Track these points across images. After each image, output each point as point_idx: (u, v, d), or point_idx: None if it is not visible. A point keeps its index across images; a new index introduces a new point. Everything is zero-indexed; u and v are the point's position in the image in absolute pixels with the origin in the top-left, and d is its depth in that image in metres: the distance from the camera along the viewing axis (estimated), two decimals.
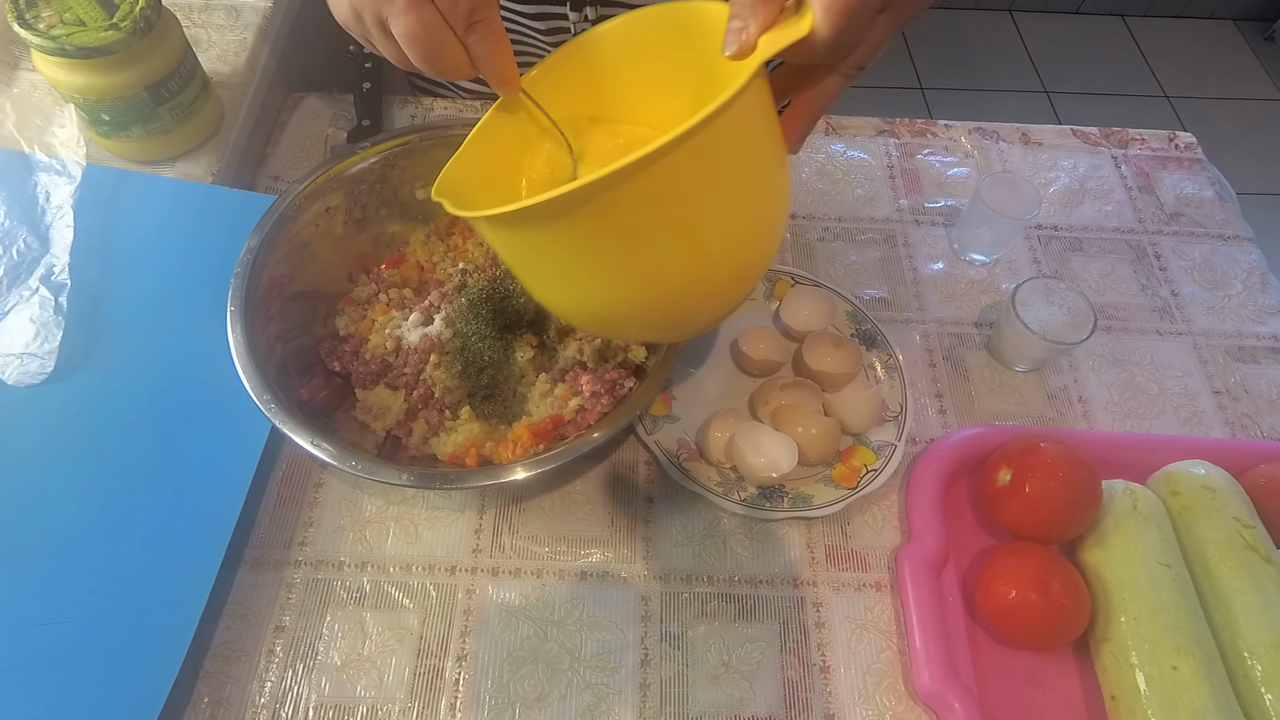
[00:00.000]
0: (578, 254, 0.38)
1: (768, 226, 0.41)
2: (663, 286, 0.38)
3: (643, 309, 0.40)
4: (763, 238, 0.41)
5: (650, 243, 0.37)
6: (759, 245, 0.41)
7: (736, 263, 0.40)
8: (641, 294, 0.39)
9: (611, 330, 0.51)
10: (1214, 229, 0.75)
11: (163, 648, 0.48)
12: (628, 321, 0.43)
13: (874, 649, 0.53)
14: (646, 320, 0.43)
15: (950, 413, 0.63)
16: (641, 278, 0.38)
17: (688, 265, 0.38)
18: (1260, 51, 2.28)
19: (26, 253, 0.59)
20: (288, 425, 0.49)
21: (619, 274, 0.39)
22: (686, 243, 0.37)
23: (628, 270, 0.38)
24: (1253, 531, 0.53)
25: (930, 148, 0.79)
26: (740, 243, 0.39)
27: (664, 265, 0.38)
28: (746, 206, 0.38)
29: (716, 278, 0.39)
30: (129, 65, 0.59)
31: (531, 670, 0.52)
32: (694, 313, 0.43)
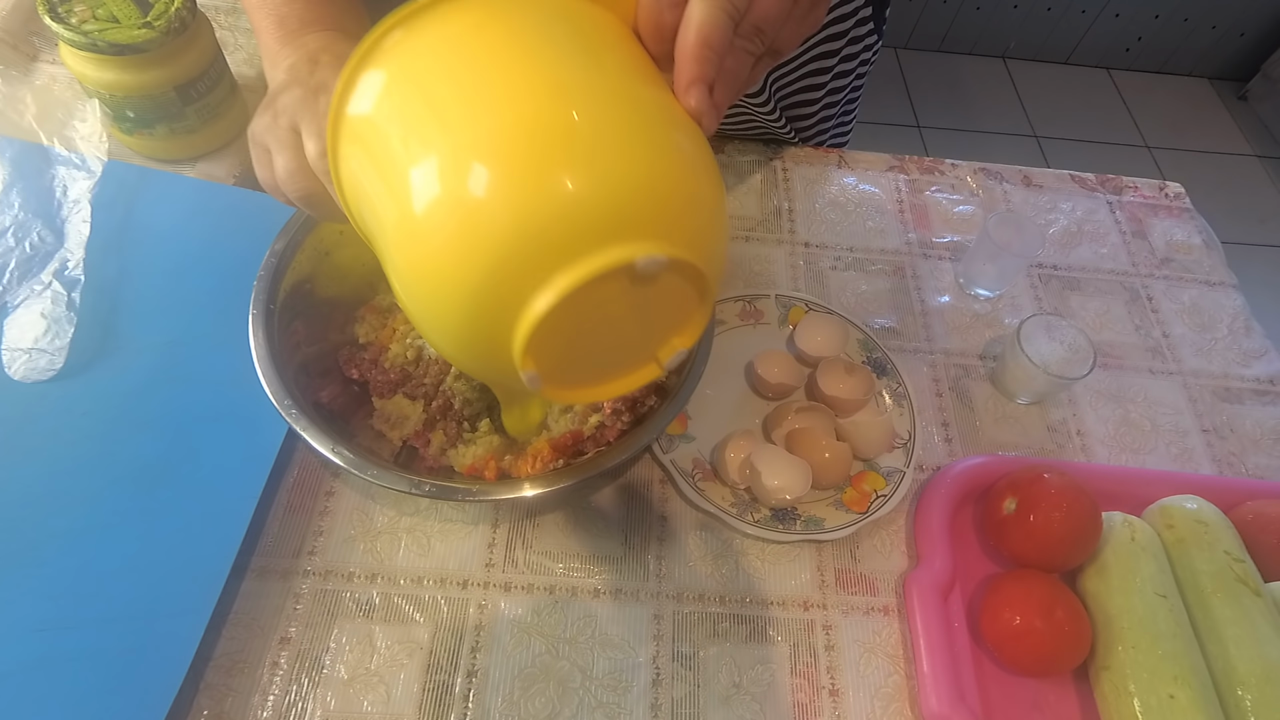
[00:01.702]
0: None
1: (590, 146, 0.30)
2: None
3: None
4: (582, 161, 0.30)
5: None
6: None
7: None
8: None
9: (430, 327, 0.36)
10: (1201, 275, 0.78)
11: (166, 657, 0.47)
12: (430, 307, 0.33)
13: (882, 673, 0.54)
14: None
15: (956, 441, 0.65)
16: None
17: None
18: (1234, 109, 2.39)
19: (40, 246, 0.58)
20: (309, 431, 0.49)
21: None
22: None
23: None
24: (1243, 565, 0.55)
25: (938, 185, 0.81)
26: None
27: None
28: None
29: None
30: (160, 64, 0.59)
31: (543, 688, 0.52)
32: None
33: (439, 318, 0.33)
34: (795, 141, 0.82)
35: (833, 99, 0.80)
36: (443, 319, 0.33)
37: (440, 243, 0.31)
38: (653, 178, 0.31)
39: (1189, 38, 2.35)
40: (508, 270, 0.30)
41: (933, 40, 2.37)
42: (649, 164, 0.31)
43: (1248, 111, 2.37)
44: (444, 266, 0.31)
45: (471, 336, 0.33)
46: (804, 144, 0.83)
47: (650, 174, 0.31)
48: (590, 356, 0.36)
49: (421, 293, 0.33)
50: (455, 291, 0.31)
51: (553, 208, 0.30)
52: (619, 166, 0.30)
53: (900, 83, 2.30)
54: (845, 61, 0.76)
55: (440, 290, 0.32)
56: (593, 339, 0.35)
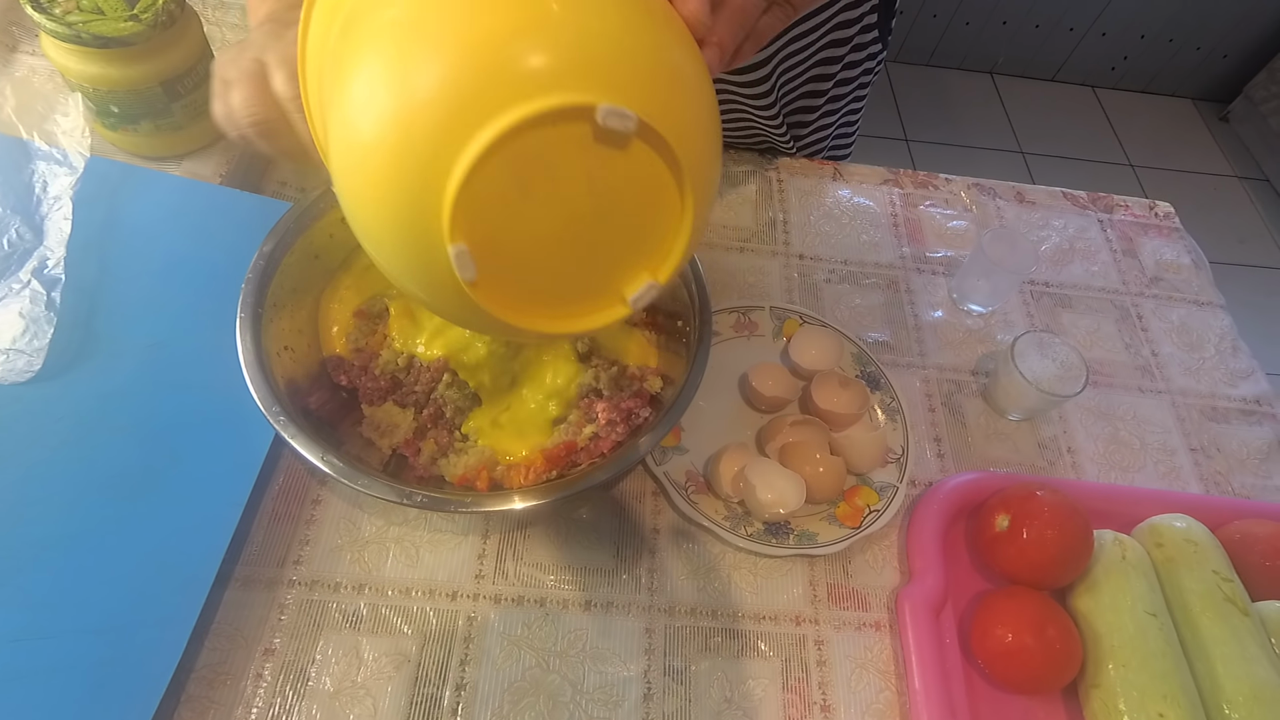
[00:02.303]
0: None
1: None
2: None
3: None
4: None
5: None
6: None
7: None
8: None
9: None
10: (1190, 294, 0.78)
11: (147, 669, 0.46)
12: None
13: (873, 689, 0.54)
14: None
15: (948, 457, 0.65)
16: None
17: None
18: (1215, 130, 2.43)
19: (19, 244, 0.57)
20: (297, 439, 0.48)
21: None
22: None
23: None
24: (1231, 585, 0.55)
25: (932, 199, 0.81)
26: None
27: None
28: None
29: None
30: (146, 58, 0.57)
31: (533, 702, 0.51)
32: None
33: (368, 191, 0.30)
34: (792, 151, 0.82)
35: (833, 106, 0.80)
36: (374, 185, 0.30)
37: (366, 94, 0.29)
38: (633, 33, 0.29)
39: (1174, 58, 2.39)
40: (444, 104, 0.27)
41: (922, 54, 2.39)
42: (631, 18, 0.29)
43: (1229, 133, 2.42)
44: (369, 116, 0.29)
45: (398, 206, 0.29)
46: (800, 154, 0.83)
47: (630, 29, 0.29)
48: (539, 259, 0.32)
49: (355, 163, 0.30)
50: (385, 143, 0.28)
51: (503, 31, 0.27)
52: (594, 8, 0.28)
53: (889, 96, 2.32)
54: (848, 69, 0.76)
55: (373, 150, 0.29)
56: (541, 226, 0.31)
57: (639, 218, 0.32)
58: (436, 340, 0.57)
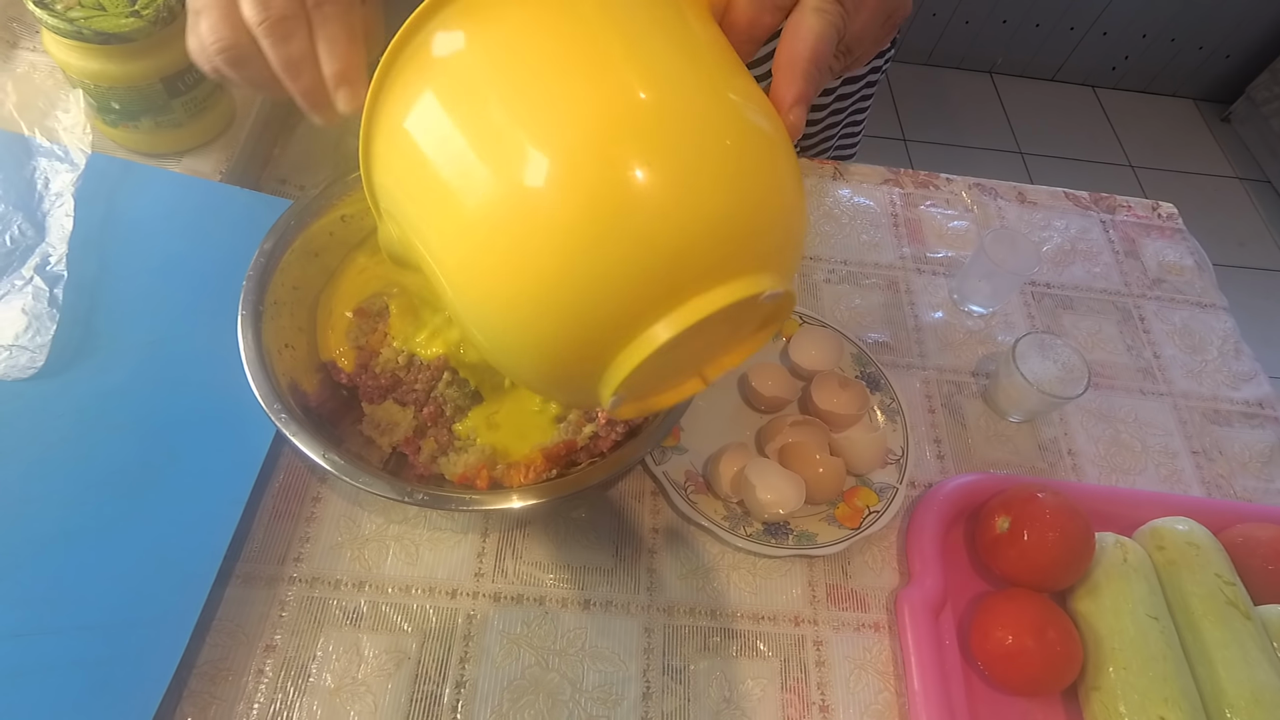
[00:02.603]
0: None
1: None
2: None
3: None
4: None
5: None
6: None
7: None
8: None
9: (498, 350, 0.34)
10: (1193, 296, 0.78)
11: (149, 665, 0.46)
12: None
13: (872, 690, 0.54)
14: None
15: (948, 458, 0.65)
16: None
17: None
18: (1217, 131, 2.43)
19: (21, 240, 0.57)
20: (298, 436, 0.48)
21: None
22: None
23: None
24: (1233, 589, 0.55)
25: (932, 199, 0.81)
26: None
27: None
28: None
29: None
30: (147, 55, 0.57)
31: (532, 700, 0.51)
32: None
33: (519, 343, 0.31)
34: (797, 151, 0.82)
35: (840, 105, 0.80)
36: (526, 344, 0.31)
37: (543, 267, 0.28)
38: (779, 205, 0.30)
39: (1175, 58, 2.39)
40: (631, 296, 0.28)
41: (920, 54, 2.39)
42: (778, 189, 0.30)
43: (1230, 134, 2.41)
44: (541, 292, 0.29)
45: (554, 362, 0.31)
46: (804, 154, 0.83)
47: (778, 202, 0.30)
48: (662, 380, 0.35)
49: (503, 319, 0.30)
50: (556, 318, 0.29)
51: (692, 231, 0.28)
52: (754, 190, 0.29)
53: (887, 95, 2.31)
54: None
55: (536, 315, 0.29)
56: (674, 366, 0.33)
57: (741, 336, 0.36)
58: (437, 339, 0.57)
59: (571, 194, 0.28)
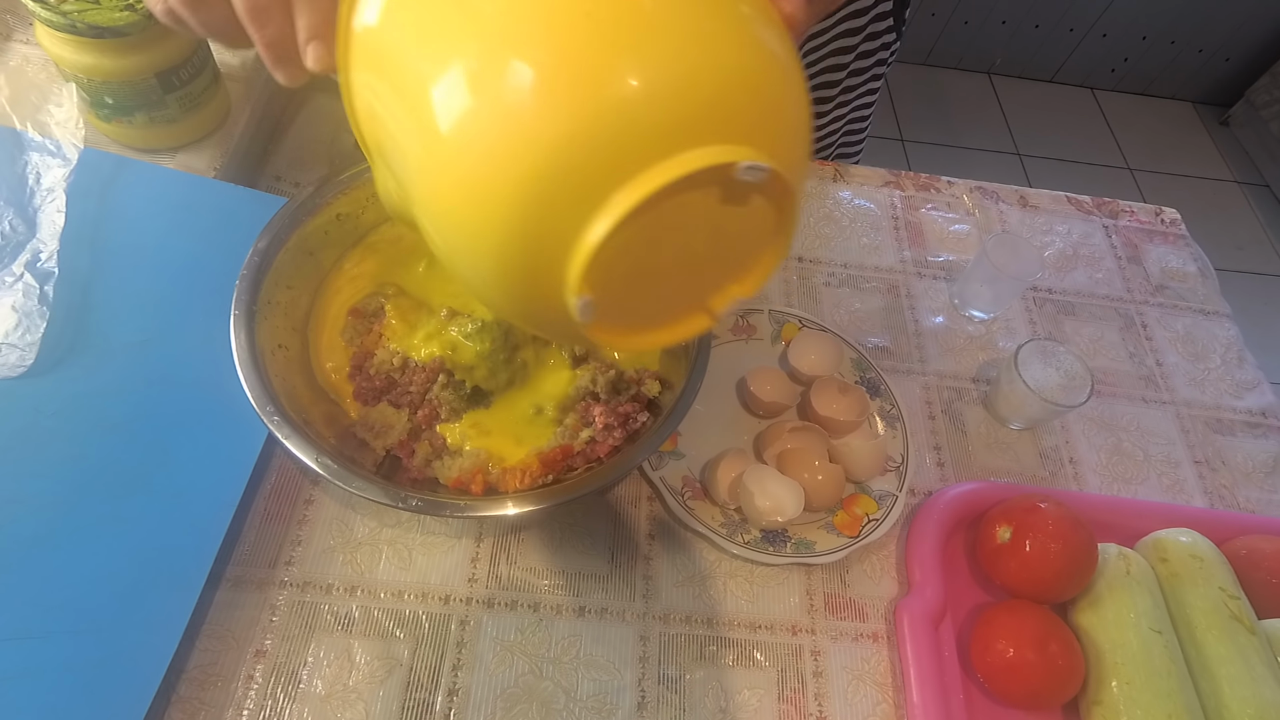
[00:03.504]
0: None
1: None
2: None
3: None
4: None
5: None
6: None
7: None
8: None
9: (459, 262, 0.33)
10: (1196, 303, 0.78)
11: (138, 670, 0.45)
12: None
13: (870, 701, 0.53)
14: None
15: (948, 466, 0.64)
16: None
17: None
18: (1215, 134, 2.42)
19: (12, 236, 0.56)
20: (291, 439, 0.47)
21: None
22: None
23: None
24: (1238, 602, 0.54)
25: (933, 202, 0.80)
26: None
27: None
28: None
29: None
30: (141, 49, 0.56)
31: (526, 709, 0.50)
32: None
33: (475, 235, 0.29)
34: None
35: (846, 98, 0.79)
36: (481, 236, 0.29)
37: (479, 154, 0.27)
38: (759, 72, 0.28)
39: (1174, 61, 2.38)
40: (582, 161, 0.26)
41: (919, 54, 2.38)
42: (754, 54, 0.28)
43: (1229, 137, 2.41)
44: (484, 179, 0.27)
45: (518, 250, 0.29)
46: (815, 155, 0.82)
47: (756, 67, 0.28)
48: (645, 293, 0.32)
49: (456, 215, 0.29)
50: (500, 204, 0.27)
51: (643, 90, 0.26)
52: (721, 51, 0.27)
53: (885, 95, 2.31)
54: (861, 59, 0.75)
55: (481, 206, 0.28)
56: (653, 270, 0.31)
57: (742, 244, 0.32)
58: (433, 340, 0.56)
59: (515, 56, 0.26)
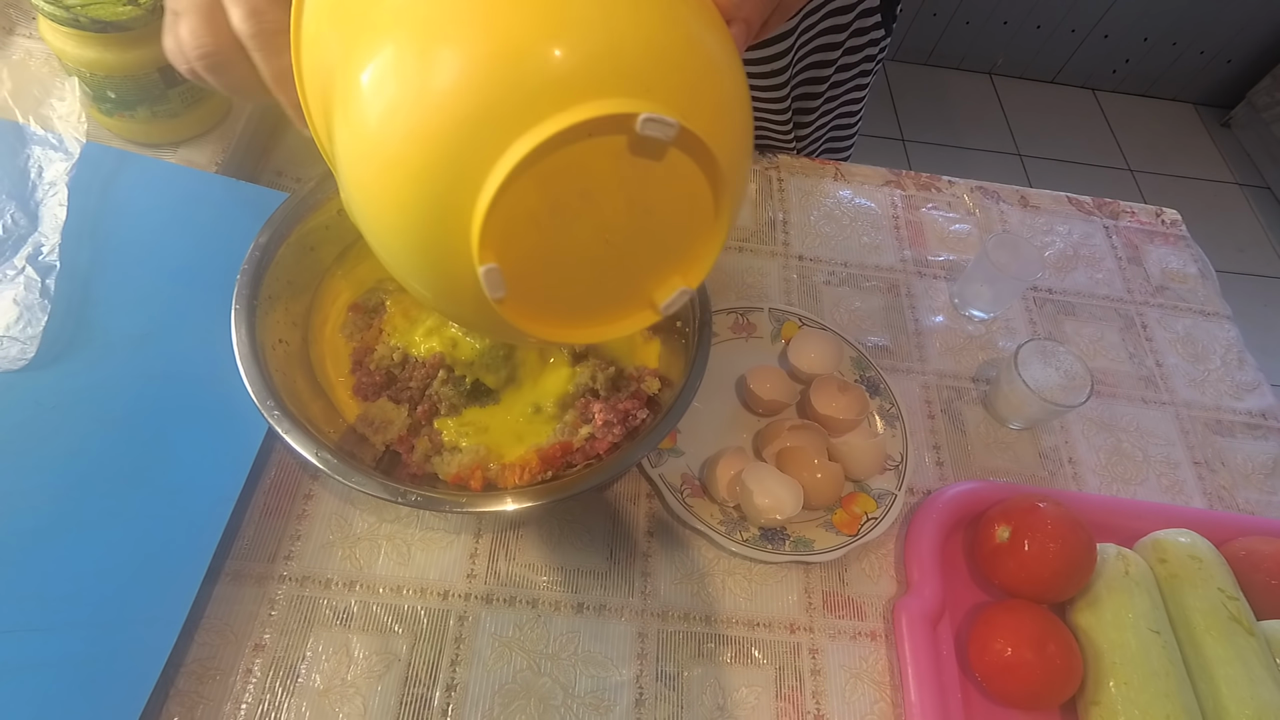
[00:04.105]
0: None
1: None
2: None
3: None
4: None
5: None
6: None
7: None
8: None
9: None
10: (1196, 304, 0.78)
11: (137, 663, 0.45)
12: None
13: (868, 700, 0.53)
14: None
15: (947, 465, 0.64)
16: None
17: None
18: (1217, 136, 2.42)
19: (14, 230, 0.56)
20: (291, 433, 0.47)
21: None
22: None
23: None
24: (1236, 604, 0.54)
25: (934, 202, 0.80)
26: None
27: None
28: None
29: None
30: (144, 43, 0.56)
31: (524, 705, 0.50)
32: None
33: (384, 207, 0.28)
34: (791, 146, 0.81)
35: (834, 93, 0.79)
36: (389, 207, 0.28)
37: (386, 102, 0.27)
38: (668, 30, 0.27)
39: (1176, 62, 2.38)
40: (471, 115, 0.26)
41: (920, 54, 2.38)
42: (664, 12, 0.27)
43: (1230, 139, 2.41)
44: (385, 144, 0.27)
45: (422, 217, 0.28)
46: (799, 150, 0.82)
47: (664, 25, 0.27)
48: (569, 273, 0.31)
49: (367, 188, 0.28)
50: (404, 155, 0.27)
51: (535, 43, 0.26)
52: (616, 7, 0.27)
53: (886, 95, 2.31)
54: (848, 54, 0.75)
55: (391, 162, 0.27)
56: (572, 242, 0.30)
57: (672, 224, 0.31)
58: (433, 336, 0.56)
59: (410, 17, 0.27)
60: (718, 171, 0.28)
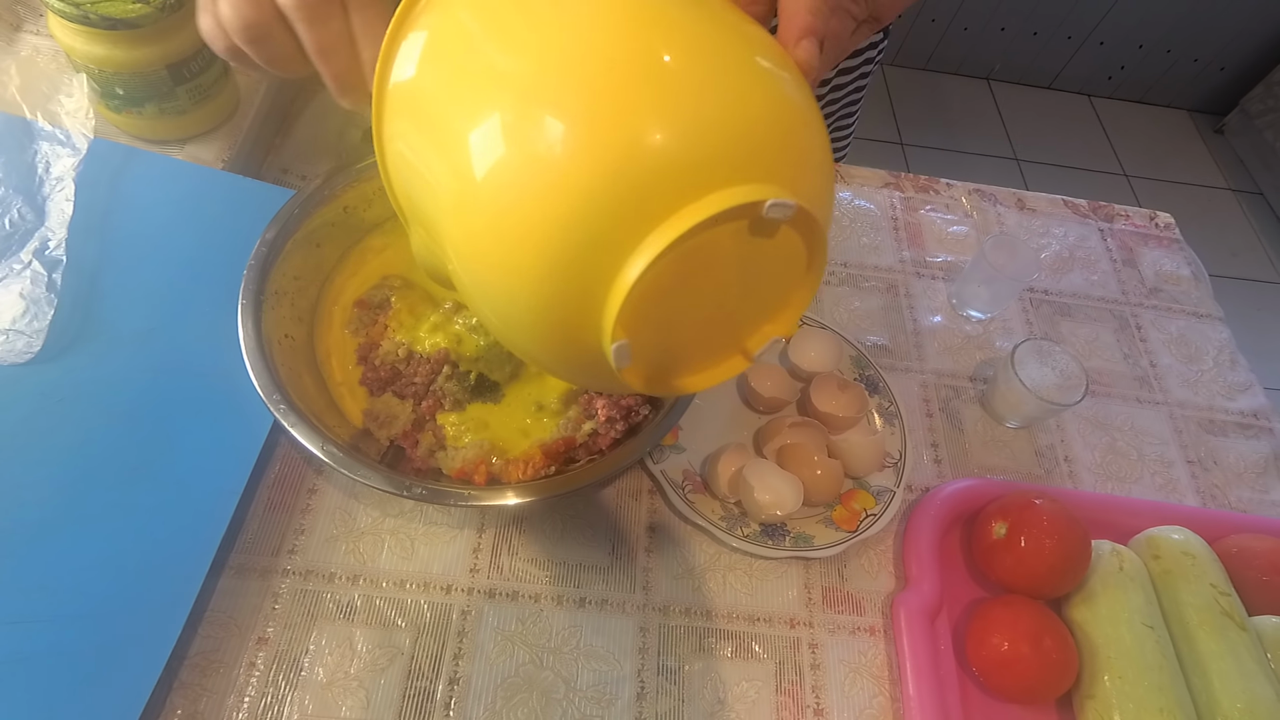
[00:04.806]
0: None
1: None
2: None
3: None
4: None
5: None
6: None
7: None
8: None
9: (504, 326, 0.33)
10: (1189, 306, 0.79)
11: (141, 655, 0.46)
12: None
13: (867, 694, 0.54)
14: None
15: (945, 463, 0.65)
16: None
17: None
18: (1211, 142, 2.45)
19: (21, 224, 0.56)
20: (297, 428, 0.48)
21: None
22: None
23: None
24: (1229, 599, 0.55)
25: (932, 204, 0.81)
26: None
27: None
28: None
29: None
30: (153, 41, 0.57)
31: (526, 698, 0.51)
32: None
33: (510, 284, 0.30)
34: None
35: (835, 96, 0.80)
36: (516, 284, 0.29)
37: (521, 183, 0.28)
38: (778, 113, 0.29)
39: (1170, 69, 2.40)
40: (610, 205, 0.27)
41: (919, 58, 2.40)
42: (773, 97, 0.29)
43: (1224, 145, 2.43)
44: (519, 225, 0.28)
45: (551, 296, 0.29)
46: None
47: (775, 109, 0.29)
48: (680, 337, 0.33)
49: (490, 264, 0.29)
50: (535, 250, 0.28)
51: (669, 137, 0.27)
52: (741, 95, 0.28)
53: (885, 99, 2.32)
54: (849, 58, 0.76)
55: (515, 252, 0.28)
56: (688, 313, 0.32)
57: (773, 283, 0.33)
58: (438, 332, 0.57)
59: (547, 107, 0.28)
60: (817, 233, 0.30)
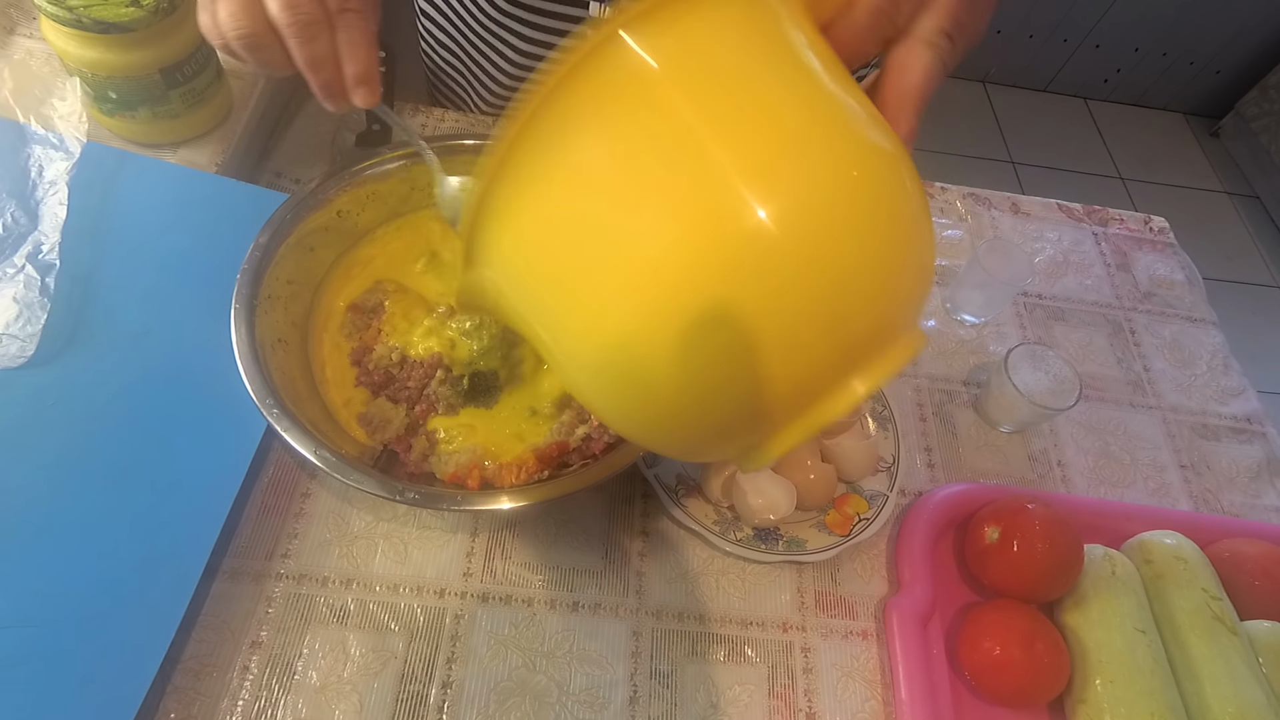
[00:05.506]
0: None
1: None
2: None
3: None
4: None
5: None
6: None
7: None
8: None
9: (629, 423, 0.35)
10: (1183, 310, 0.79)
11: (134, 659, 0.46)
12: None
13: (859, 698, 0.54)
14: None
15: (938, 467, 0.65)
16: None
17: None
18: (1206, 145, 2.45)
19: (14, 228, 0.56)
20: (290, 432, 0.48)
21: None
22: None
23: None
24: (1220, 604, 0.55)
25: None
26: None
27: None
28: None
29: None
30: (146, 45, 0.57)
31: (519, 702, 0.51)
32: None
33: (679, 426, 0.31)
34: None
35: None
36: (689, 429, 0.31)
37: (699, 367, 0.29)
38: (928, 254, 0.31)
39: (1166, 72, 2.41)
40: (787, 383, 0.29)
41: None
42: (927, 240, 0.31)
43: (1219, 148, 2.44)
44: (696, 387, 0.29)
45: (712, 436, 0.32)
46: None
47: (928, 250, 0.31)
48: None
49: (654, 398, 0.30)
50: (707, 405, 0.30)
51: (865, 312, 0.29)
52: (914, 247, 0.30)
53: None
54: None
55: (687, 407, 0.30)
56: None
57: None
58: (430, 337, 0.57)
59: (743, 279, 0.28)
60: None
